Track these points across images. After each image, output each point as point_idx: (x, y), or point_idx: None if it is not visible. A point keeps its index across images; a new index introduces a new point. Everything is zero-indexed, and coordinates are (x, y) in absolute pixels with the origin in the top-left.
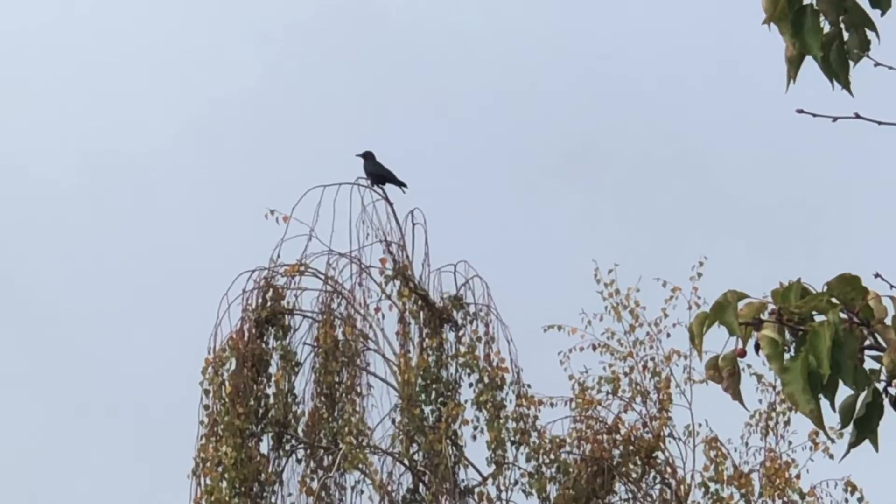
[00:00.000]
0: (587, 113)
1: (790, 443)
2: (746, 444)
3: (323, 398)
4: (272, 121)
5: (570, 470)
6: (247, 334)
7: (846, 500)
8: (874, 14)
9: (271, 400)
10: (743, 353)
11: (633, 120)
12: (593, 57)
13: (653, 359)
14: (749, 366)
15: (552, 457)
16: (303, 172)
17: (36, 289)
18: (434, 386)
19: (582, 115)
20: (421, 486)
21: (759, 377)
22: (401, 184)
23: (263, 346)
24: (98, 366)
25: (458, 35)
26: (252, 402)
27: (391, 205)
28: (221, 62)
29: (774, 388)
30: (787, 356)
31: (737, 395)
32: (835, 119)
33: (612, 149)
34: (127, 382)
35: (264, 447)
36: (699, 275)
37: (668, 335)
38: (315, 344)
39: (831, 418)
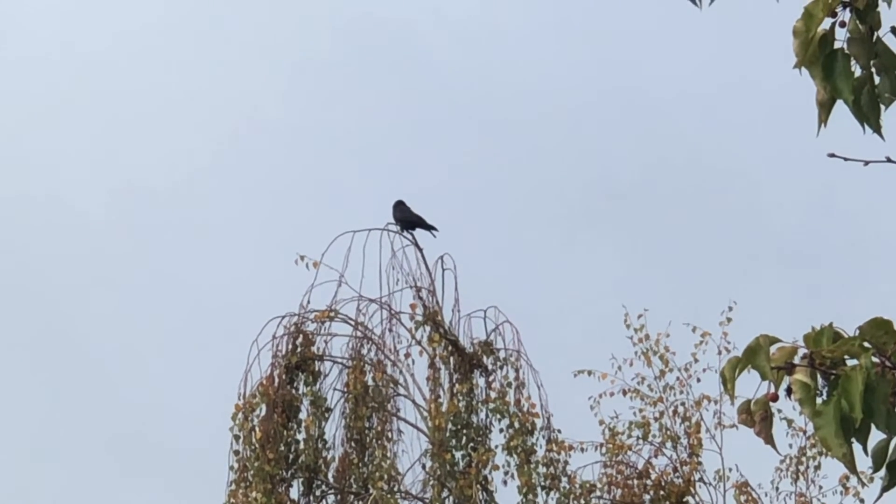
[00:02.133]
0: (618, 157)
1: (821, 487)
2: (777, 488)
3: (353, 444)
4: (301, 156)
5: None
6: (277, 380)
7: None
8: None
9: (301, 445)
10: (775, 398)
11: (665, 164)
12: (626, 100)
13: (683, 404)
14: (779, 410)
15: (583, 502)
16: (333, 210)
17: (65, 324)
18: (464, 431)
19: (613, 160)
20: None
21: (790, 422)
22: (431, 228)
23: (293, 391)
24: (127, 407)
25: (490, 80)
26: (282, 448)
27: (421, 250)
28: (250, 97)
29: (805, 432)
30: (819, 400)
31: (769, 440)
32: (866, 163)
33: (641, 193)
34: (155, 424)
35: (294, 493)
36: (728, 319)
37: (699, 380)
38: (345, 389)
39: (863, 462)
